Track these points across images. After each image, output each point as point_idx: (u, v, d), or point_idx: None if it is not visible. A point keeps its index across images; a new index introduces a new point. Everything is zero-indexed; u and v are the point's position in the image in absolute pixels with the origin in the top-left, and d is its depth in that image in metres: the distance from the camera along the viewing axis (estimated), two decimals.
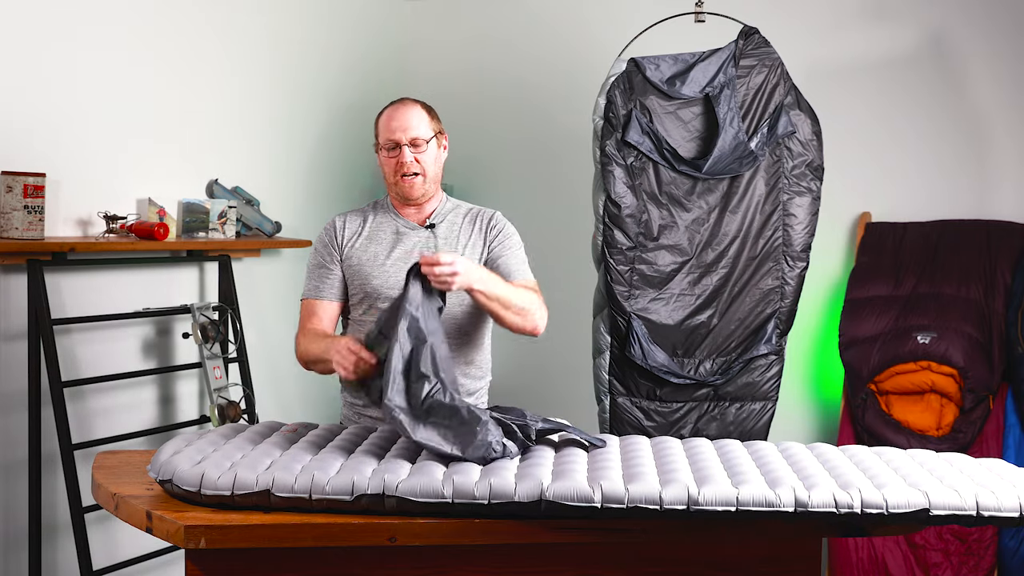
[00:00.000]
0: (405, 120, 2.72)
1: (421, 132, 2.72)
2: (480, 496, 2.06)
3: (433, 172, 2.76)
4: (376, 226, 2.79)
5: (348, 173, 4.58)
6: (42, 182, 3.02)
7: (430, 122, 2.76)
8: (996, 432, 3.86)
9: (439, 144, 2.78)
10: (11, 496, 3.09)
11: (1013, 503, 2.07)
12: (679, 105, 3.56)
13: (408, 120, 2.72)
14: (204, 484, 2.11)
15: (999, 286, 3.97)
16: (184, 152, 3.65)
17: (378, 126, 2.77)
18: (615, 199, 3.50)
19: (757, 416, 3.62)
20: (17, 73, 3.04)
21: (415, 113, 2.74)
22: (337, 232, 2.79)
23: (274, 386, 4.10)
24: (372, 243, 2.76)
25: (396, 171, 2.72)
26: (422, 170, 2.72)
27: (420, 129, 2.72)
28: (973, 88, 4.20)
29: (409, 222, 2.78)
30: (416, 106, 2.76)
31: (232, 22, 3.83)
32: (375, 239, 2.77)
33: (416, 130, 2.71)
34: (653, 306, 3.56)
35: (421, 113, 2.75)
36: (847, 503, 2.05)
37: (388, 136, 2.72)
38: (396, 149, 2.71)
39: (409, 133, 2.70)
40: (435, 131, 2.77)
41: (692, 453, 2.38)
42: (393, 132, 2.71)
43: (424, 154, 2.72)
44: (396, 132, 2.71)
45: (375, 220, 2.80)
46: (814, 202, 3.60)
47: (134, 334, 3.47)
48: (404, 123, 2.71)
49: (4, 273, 3.06)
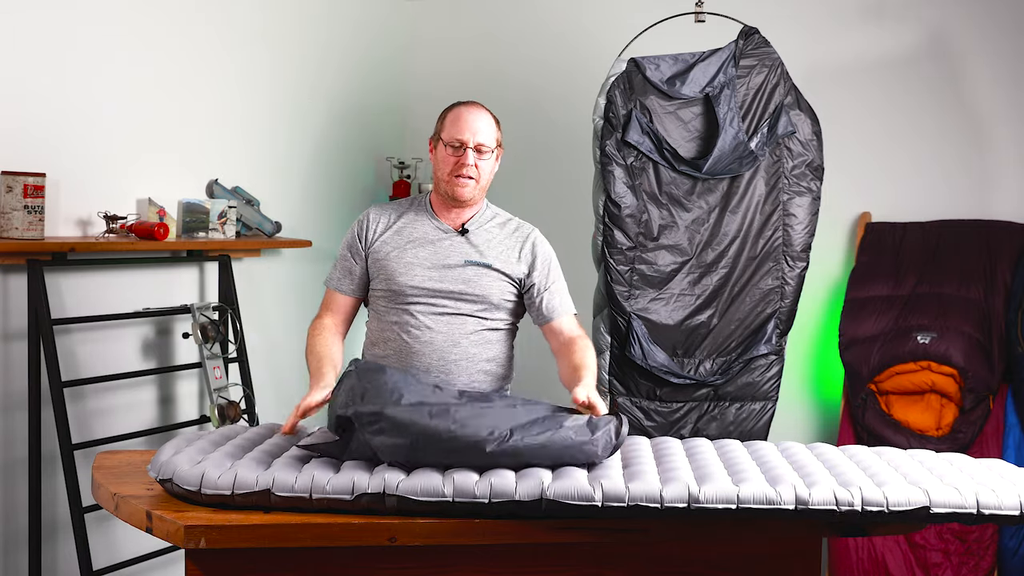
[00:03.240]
0: (476, 123, 2.73)
1: (488, 139, 2.74)
2: (480, 495, 2.06)
3: (486, 180, 2.78)
4: (410, 224, 2.79)
5: (348, 173, 4.58)
6: (42, 182, 3.01)
7: (496, 132, 2.79)
8: (996, 432, 3.86)
9: (497, 156, 2.81)
10: (11, 496, 3.09)
11: (1013, 501, 2.07)
12: (679, 105, 3.56)
13: (479, 124, 2.74)
14: (204, 484, 2.11)
15: (999, 286, 3.97)
16: (184, 152, 3.65)
17: (444, 121, 2.77)
18: (615, 199, 3.50)
19: (757, 416, 3.62)
20: (17, 73, 3.04)
21: (486, 119, 2.76)
22: (368, 224, 2.80)
23: (274, 386, 4.10)
24: (403, 240, 2.76)
25: (453, 170, 2.73)
26: (477, 175, 2.74)
27: (488, 136, 2.75)
28: (973, 88, 4.20)
29: (444, 224, 2.78)
30: (487, 113, 2.79)
31: (232, 22, 3.83)
32: (407, 236, 2.77)
33: (484, 136, 2.74)
34: (653, 306, 3.56)
35: (491, 121, 2.78)
36: (848, 501, 2.05)
37: (455, 134, 2.73)
38: (460, 149, 2.72)
39: (478, 137, 2.72)
40: (498, 142, 2.79)
41: (692, 453, 2.38)
42: (462, 132, 2.72)
43: (484, 161, 2.75)
44: (465, 132, 2.72)
45: (410, 217, 2.81)
46: (814, 202, 3.60)
47: (134, 334, 3.47)
48: (475, 126, 2.73)
49: (4, 273, 3.06)
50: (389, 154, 4.79)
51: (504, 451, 2.12)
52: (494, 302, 2.73)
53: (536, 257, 2.79)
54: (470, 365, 2.70)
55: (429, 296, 2.69)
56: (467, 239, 2.76)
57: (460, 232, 2.77)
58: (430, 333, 2.68)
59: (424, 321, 2.69)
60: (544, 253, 2.82)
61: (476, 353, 2.71)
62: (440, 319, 2.69)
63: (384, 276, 2.73)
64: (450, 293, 2.70)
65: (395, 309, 2.72)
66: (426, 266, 2.71)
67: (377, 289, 2.77)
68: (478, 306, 2.71)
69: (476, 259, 2.73)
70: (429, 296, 2.69)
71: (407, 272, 2.71)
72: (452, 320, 2.69)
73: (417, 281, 2.69)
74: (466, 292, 2.70)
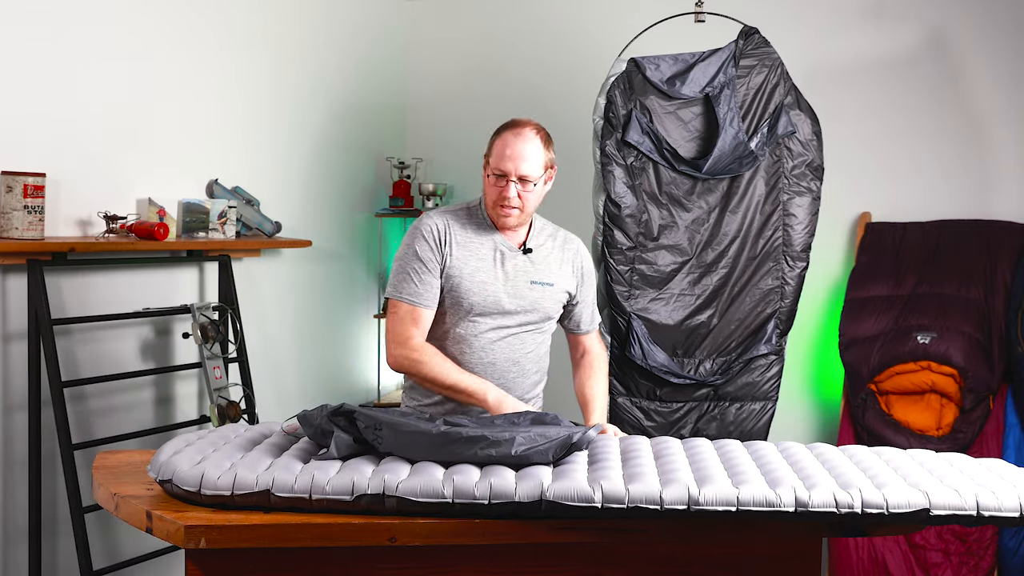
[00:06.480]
0: (520, 153, 2.63)
1: (533, 171, 2.64)
2: (480, 496, 2.06)
3: (533, 207, 2.70)
4: (476, 237, 2.72)
5: (348, 173, 4.58)
6: (42, 182, 3.01)
7: (544, 157, 2.67)
8: (996, 432, 3.86)
9: (547, 179, 2.72)
10: (11, 496, 3.09)
11: (1013, 503, 2.07)
12: (679, 105, 3.56)
13: (524, 153, 2.63)
14: (204, 484, 2.11)
15: (999, 286, 3.97)
16: (184, 152, 3.64)
17: (493, 146, 2.68)
18: (615, 199, 3.50)
19: (757, 416, 3.62)
20: (17, 73, 3.04)
21: (533, 148, 2.64)
22: (442, 235, 2.68)
23: (274, 386, 4.10)
24: (473, 256, 2.69)
25: (497, 200, 2.66)
26: (522, 206, 2.67)
27: (533, 167, 2.64)
28: (973, 88, 4.20)
29: (508, 242, 2.73)
30: (536, 138, 2.66)
31: (232, 22, 3.83)
32: (475, 252, 2.70)
33: (529, 166, 2.63)
34: (653, 306, 3.56)
35: (538, 147, 2.65)
36: (847, 503, 2.05)
37: (499, 164, 2.64)
38: (503, 179, 2.64)
39: (521, 169, 2.63)
40: (546, 166, 2.69)
41: (692, 453, 2.38)
42: (505, 163, 2.63)
43: (529, 193, 2.66)
44: (507, 163, 2.62)
45: (474, 231, 2.72)
46: (814, 202, 3.60)
47: (134, 334, 3.47)
48: (518, 156, 2.63)
49: (4, 273, 3.06)
50: (389, 154, 4.79)
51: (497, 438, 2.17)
52: (551, 315, 2.79)
53: (585, 274, 2.84)
54: (524, 380, 2.77)
55: (496, 314, 2.70)
56: (529, 259, 2.74)
57: (524, 252, 2.74)
58: (492, 354, 2.71)
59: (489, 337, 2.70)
60: (590, 269, 2.87)
61: (530, 368, 2.77)
62: (503, 342, 2.71)
63: (457, 293, 2.67)
64: (517, 312, 2.71)
65: (459, 323, 2.70)
66: (497, 285, 2.69)
67: (443, 303, 2.71)
68: (538, 323, 2.76)
69: (540, 279, 2.73)
70: (496, 314, 2.70)
71: (480, 291, 2.67)
72: (513, 341, 2.72)
73: (491, 300, 2.68)
74: (531, 310, 2.73)
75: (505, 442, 2.16)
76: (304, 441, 2.36)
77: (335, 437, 2.22)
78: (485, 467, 2.16)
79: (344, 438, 2.23)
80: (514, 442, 2.16)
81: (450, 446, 2.18)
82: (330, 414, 2.26)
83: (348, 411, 2.25)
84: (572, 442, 2.21)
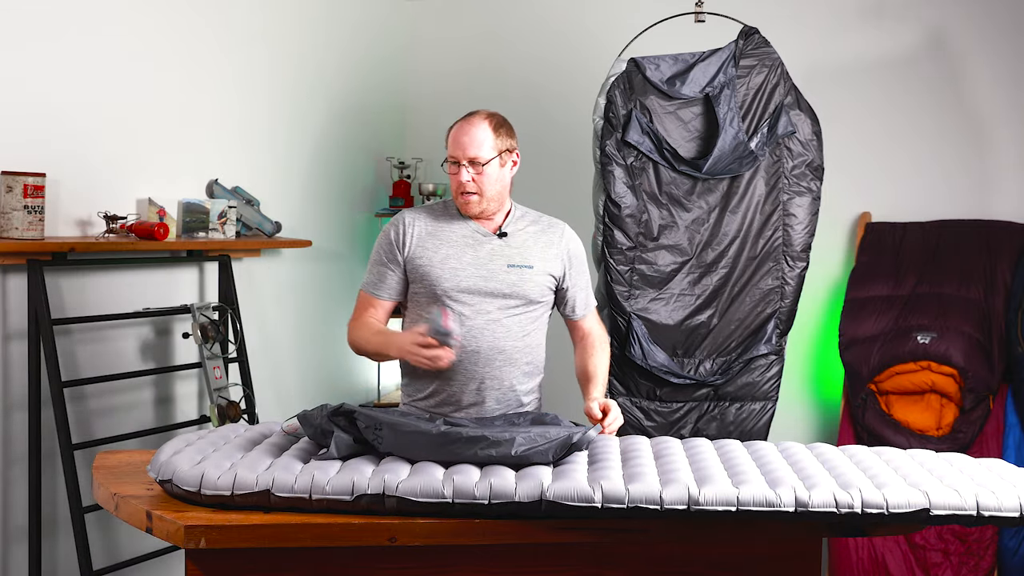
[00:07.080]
0: (466, 137, 2.68)
1: (482, 152, 2.67)
2: (480, 496, 2.06)
3: (493, 191, 2.72)
4: (448, 227, 2.76)
5: (348, 173, 4.58)
6: (42, 182, 3.01)
7: (495, 140, 2.70)
8: (996, 432, 3.86)
9: (503, 163, 2.73)
10: (11, 496, 3.09)
11: (1013, 503, 2.07)
12: (679, 105, 3.56)
13: (471, 138, 2.68)
14: (204, 484, 2.11)
15: (999, 286, 3.97)
16: (184, 152, 3.64)
17: (447, 138, 2.74)
18: (615, 199, 3.50)
19: (757, 416, 3.62)
20: (17, 73, 3.04)
21: (480, 131, 2.69)
22: (405, 229, 2.76)
23: (274, 386, 4.10)
24: (444, 245, 2.73)
25: (456, 189, 2.71)
26: (479, 190, 2.69)
27: (482, 149, 2.67)
28: (973, 88, 4.20)
29: (482, 228, 2.76)
30: (483, 123, 2.71)
31: (232, 22, 3.83)
32: (447, 241, 2.74)
33: (477, 149, 2.67)
34: (653, 306, 3.56)
35: (486, 131, 2.69)
36: (847, 503, 2.05)
37: (450, 152, 2.70)
38: (456, 165, 2.69)
39: (469, 152, 2.67)
40: (500, 149, 2.71)
41: (692, 453, 2.38)
42: (453, 148, 2.69)
43: (483, 175, 2.69)
44: (456, 148, 2.68)
45: (447, 221, 2.77)
46: (814, 202, 3.60)
47: (134, 334, 3.47)
48: (464, 140, 2.68)
49: (4, 273, 3.05)
50: (389, 154, 4.79)
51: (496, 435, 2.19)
52: (534, 299, 2.76)
53: (572, 257, 2.83)
54: (512, 369, 2.74)
55: (471, 295, 2.70)
56: (506, 242, 2.75)
57: (499, 235, 2.75)
58: (475, 341, 2.69)
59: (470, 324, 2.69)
60: (578, 252, 2.86)
61: (518, 358, 2.74)
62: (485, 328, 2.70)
63: (428, 281, 2.71)
64: (495, 295, 2.71)
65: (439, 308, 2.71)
66: (470, 270, 2.70)
67: (417, 294, 2.75)
68: (520, 308, 2.74)
69: (518, 262, 2.73)
70: (471, 295, 2.70)
71: (452, 276, 2.69)
72: (495, 328, 2.70)
73: (464, 285, 2.69)
74: (510, 294, 2.71)
75: (505, 442, 2.16)
76: (304, 441, 2.36)
77: (335, 437, 2.23)
78: (485, 467, 2.17)
79: (344, 438, 2.23)
80: (514, 442, 2.16)
81: (450, 446, 2.18)
82: (330, 414, 2.27)
83: (348, 411, 2.26)
84: (572, 442, 2.22)
